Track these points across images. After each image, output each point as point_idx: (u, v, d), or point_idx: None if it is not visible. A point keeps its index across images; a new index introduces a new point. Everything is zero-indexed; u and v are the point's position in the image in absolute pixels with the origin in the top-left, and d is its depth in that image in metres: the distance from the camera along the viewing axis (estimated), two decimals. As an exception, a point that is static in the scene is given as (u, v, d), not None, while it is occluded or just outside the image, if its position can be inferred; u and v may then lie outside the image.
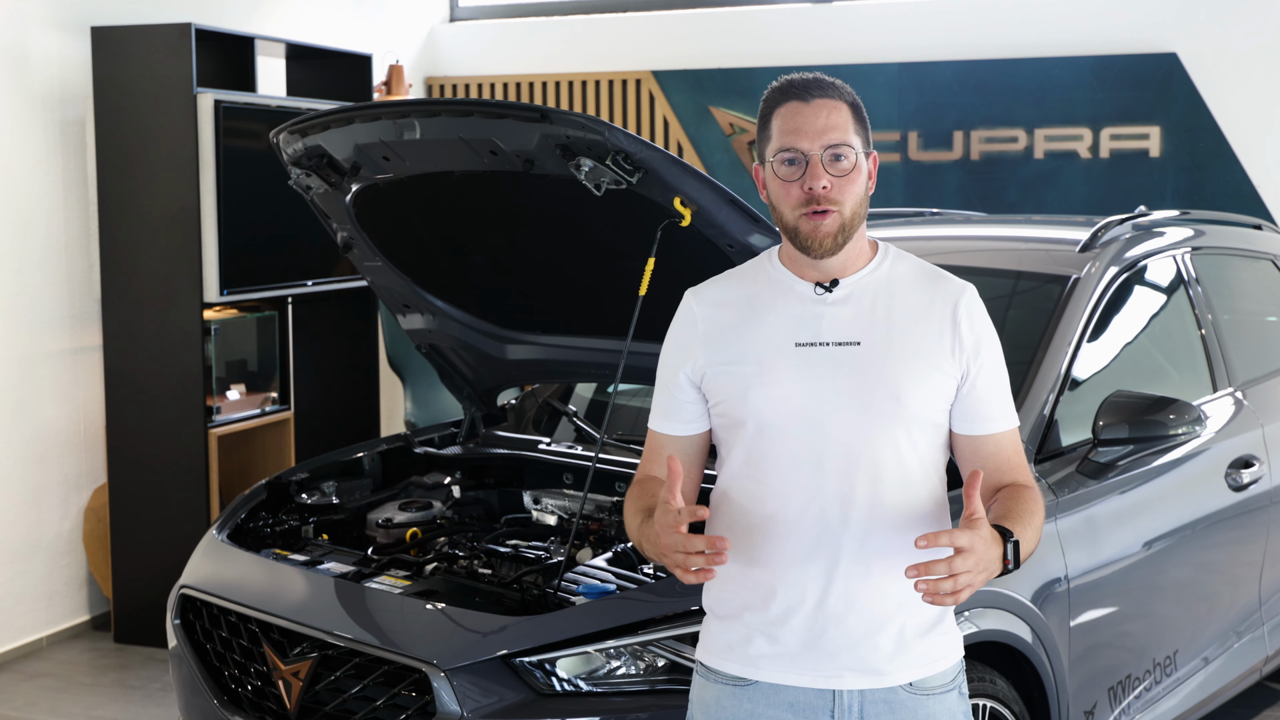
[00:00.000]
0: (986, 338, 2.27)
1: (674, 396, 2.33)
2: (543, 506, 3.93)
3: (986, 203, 6.96)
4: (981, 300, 2.30)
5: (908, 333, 2.22)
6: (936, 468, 2.28)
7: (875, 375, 2.20)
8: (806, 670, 2.22)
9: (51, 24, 5.42)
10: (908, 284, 2.27)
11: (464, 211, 3.57)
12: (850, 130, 2.21)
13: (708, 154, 7.50)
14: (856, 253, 2.26)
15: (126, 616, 5.48)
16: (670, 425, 2.35)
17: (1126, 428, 3.50)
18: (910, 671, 2.23)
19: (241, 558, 3.50)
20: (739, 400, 2.24)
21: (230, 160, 5.26)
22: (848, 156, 2.20)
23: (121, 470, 5.45)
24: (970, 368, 2.24)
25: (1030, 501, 2.22)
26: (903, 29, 7.15)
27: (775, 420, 2.21)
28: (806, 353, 2.22)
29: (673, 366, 2.34)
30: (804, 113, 2.20)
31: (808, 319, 2.24)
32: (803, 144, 2.19)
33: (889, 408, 2.19)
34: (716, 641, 2.30)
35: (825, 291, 2.25)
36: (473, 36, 8.00)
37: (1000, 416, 2.28)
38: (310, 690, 3.06)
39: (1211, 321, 4.29)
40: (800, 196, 2.19)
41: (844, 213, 2.20)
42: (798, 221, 2.21)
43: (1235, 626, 4.11)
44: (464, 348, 3.97)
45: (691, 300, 2.35)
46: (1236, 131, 6.64)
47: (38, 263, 5.40)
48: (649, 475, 2.35)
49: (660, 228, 3.11)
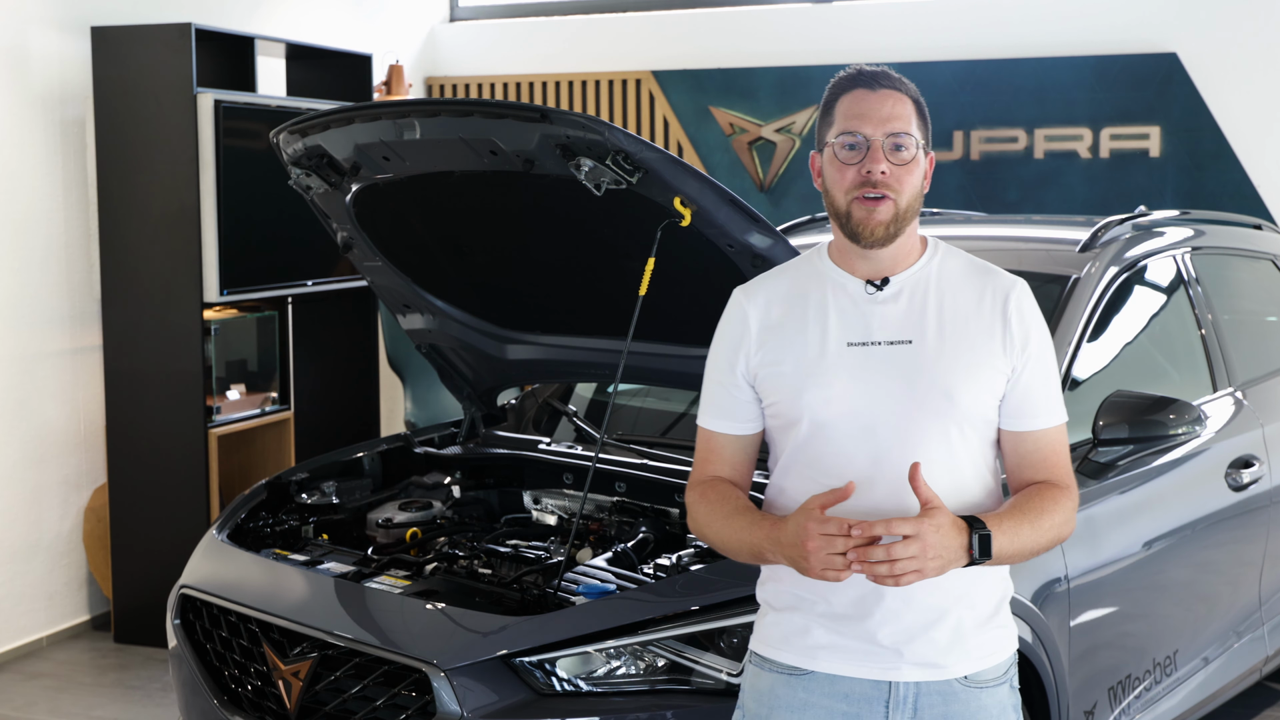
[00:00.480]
0: (1036, 332, 2.28)
1: (732, 396, 2.34)
2: (543, 506, 3.93)
3: (986, 203, 6.96)
4: (1031, 294, 2.30)
5: (959, 330, 2.23)
6: (989, 462, 2.29)
7: (928, 374, 2.21)
8: (863, 662, 2.24)
9: (51, 24, 5.42)
10: (958, 280, 2.28)
11: (464, 211, 3.57)
12: (913, 123, 2.24)
13: (708, 154, 7.50)
14: (907, 248, 2.28)
15: (126, 616, 5.48)
16: (729, 424, 2.35)
17: (1126, 428, 3.50)
18: (967, 664, 2.25)
19: (241, 558, 3.50)
20: (792, 401, 2.25)
21: (230, 160, 5.26)
22: (908, 147, 2.22)
23: (121, 470, 5.45)
24: (1018, 362, 2.25)
25: (1046, 500, 2.23)
26: (903, 29, 7.15)
27: (828, 421, 2.22)
28: (859, 352, 2.23)
29: (727, 366, 2.34)
30: (869, 100, 2.23)
31: (859, 318, 2.25)
32: (866, 129, 2.21)
33: (941, 406, 2.21)
34: (773, 632, 2.32)
35: (876, 290, 2.26)
36: (473, 36, 8.00)
37: (1044, 413, 2.28)
38: (310, 690, 3.05)
39: (1211, 321, 4.29)
40: (855, 179, 2.21)
41: (899, 202, 2.21)
42: (850, 206, 2.22)
43: (1235, 626, 4.11)
44: (464, 348, 3.97)
45: (742, 298, 2.36)
46: (1236, 131, 6.64)
47: (38, 263, 5.40)
48: (714, 476, 2.35)
49: (660, 228, 3.11)
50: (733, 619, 2.89)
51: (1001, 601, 2.31)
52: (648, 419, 4.28)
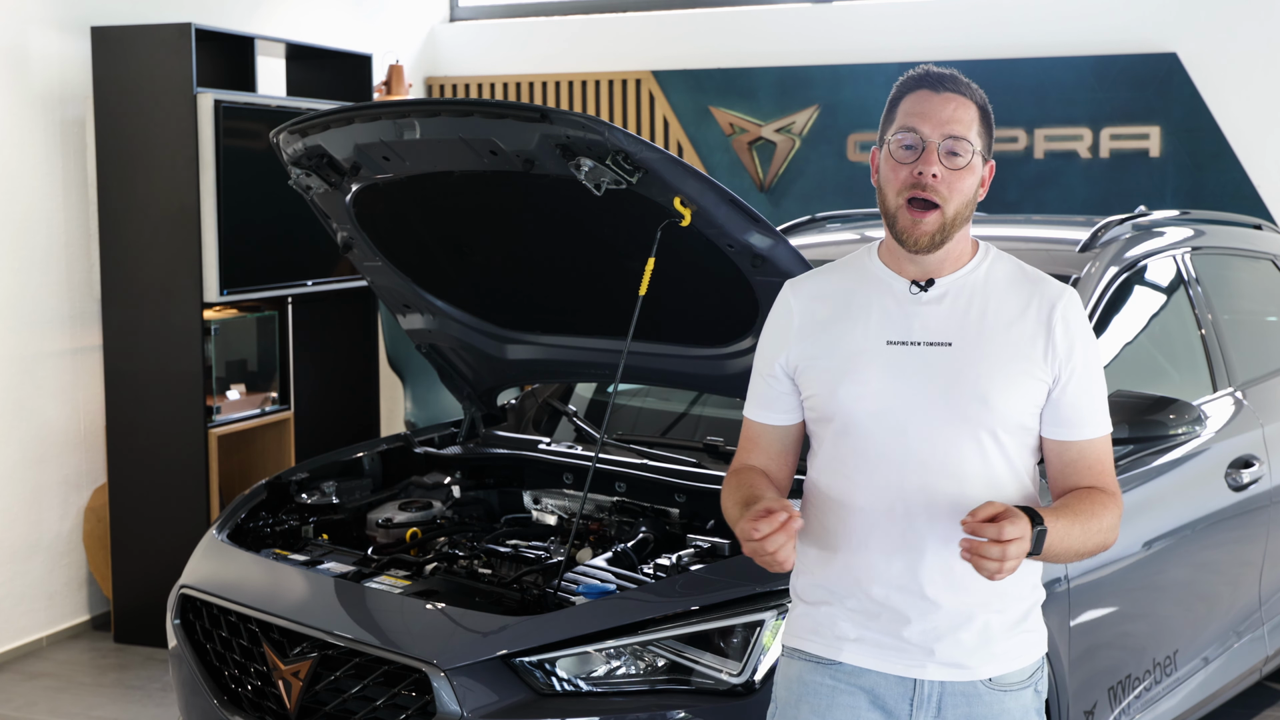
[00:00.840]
0: (1081, 342, 2.26)
1: (770, 387, 2.36)
2: (543, 506, 3.93)
3: (986, 203, 6.89)
4: (1082, 304, 2.29)
5: (1000, 335, 2.22)
6: (1027, 468, 2.28)
7: (963, 377, 2.20)
8: (890, 657, 2.25)
9: (51, 24, 5.42)
10: (1005, 286, 2.28)
11: (464, 211, 3.57)
12: (974, 129, 2.22)
13: (708, 154, 7.50)
14: (957, 253, 2.28)
15: (126, 616, 5.48)
16: (768, 415, 2.37)
17: (1126, 428, 3.50)
18: (993, 667, 2.25)
19: (241, 558, 3.50)
20: (829, 396, 2.26)
21: (230, 160, 5.26)
22: (964, 153, 2.20)
23: (121, 470, 5.45)
24: (1063, 373, 2.24)
25: (1097, 505, 2.22)
26: (903, 29, 7.15)
27: (860, 418, 2.23)
28: (897, 351, 2.23)
29: (769, 357, 2.36)
30: (932, 101, 2.21)
31: (901, 317, 2.25)
32: (924, 128, 2.20)
33: (974, 411, 2.20)
34: (802, 624, 2.34)
35: (921, 290, 2.26)
36: (473, 36, 8.00)
37: (1089, 424, 2.27)
38: (310, 690, 3.05)
39: (1211, 321, 4.29)
40: (908, 179, 2.20)
41: (947, 212, 2.20)
42: (898, 210, 2.21)
43: (1235, 626, 4.11)
44: (464, 348, 3.97)
45: (789, 293, 2.38)
46: (1236, 131, 6.64)
47: (38, 263, 5.40)
48: (746, 465, 2.38)
49: (660, 228, 3.11)
50: (733, 619, 2.90)
51: (1032, 606, 2.31)
52: (648, 419, 4.28)
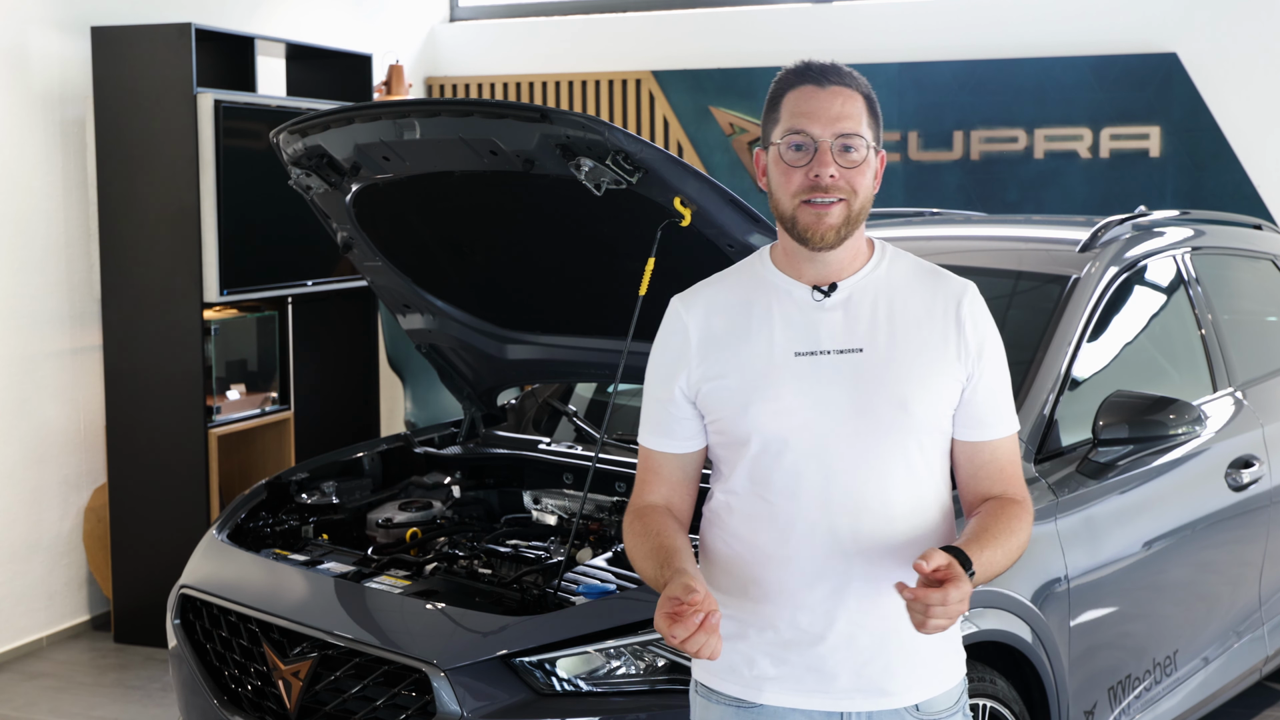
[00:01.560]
0: (990, 339, 2.19)
1: (669, 413, 2.21)
2: (543, 506, 3.93)
3: (986, 203, 6.96)
4: (983, 299, 2.23)
5: (911, 336, 2.13)
6: (944, 474, 2.21)
7: (880, 383, 2.11)
8: (814, 693, 2.14)
9: (51, 24, 5.42)
10: (908, 284, 2.18)
11: (464, 211, 3.57)
12: (864, 123, 2.12)
13: (708, 154, 7.50)
14: (854, 252, 2.17)
15: (126, 616, 5.48)
16: (667, 443, 2.23)
17: (1126, 428, 3.50)
18: (918, 692, 2.16)
19: (241, 558, 3.50)
20: (739, 416, 2.13)
21: (230, 160, 5.26)
22: (858, 148, 2.11)
23: (121, 470, 5.45)
24: (974, 370, 2.16)
25: (1012, 520, 2.13)
26: (903, 29, 7.15)
27: (779, 436, 2.11)
28: (807, 363, 2.12)
29: (665, 381, 2.21)
30: (818, 97, 2.10)
31: (806, 326, 2.14)
32: (814, 129, 2.09)
33: (896, 417, 2.10)
34: (717, 663, 2.18)
35: (823, 296, 2.15)
36: (473, 36, 8.00)
37: (1000, 423, 2.19)
38: (310, 690, 3.05)
39: (1211, 321, 4.29)
40: (804, 183, 2.09)
41: (852, 205, 2.10)
42: (796, 210, 2.10)
43: (1235, 626, 4.11)
44: (464, 348, 3.97)
45: (680, 308, 2.23)
46: (1236, 131, 6.64)
47: (38, 263, 5.40)
48: (648, 504, 2.22)
49: (660, 228, 3.11)
50: (733, 619, 2.89)
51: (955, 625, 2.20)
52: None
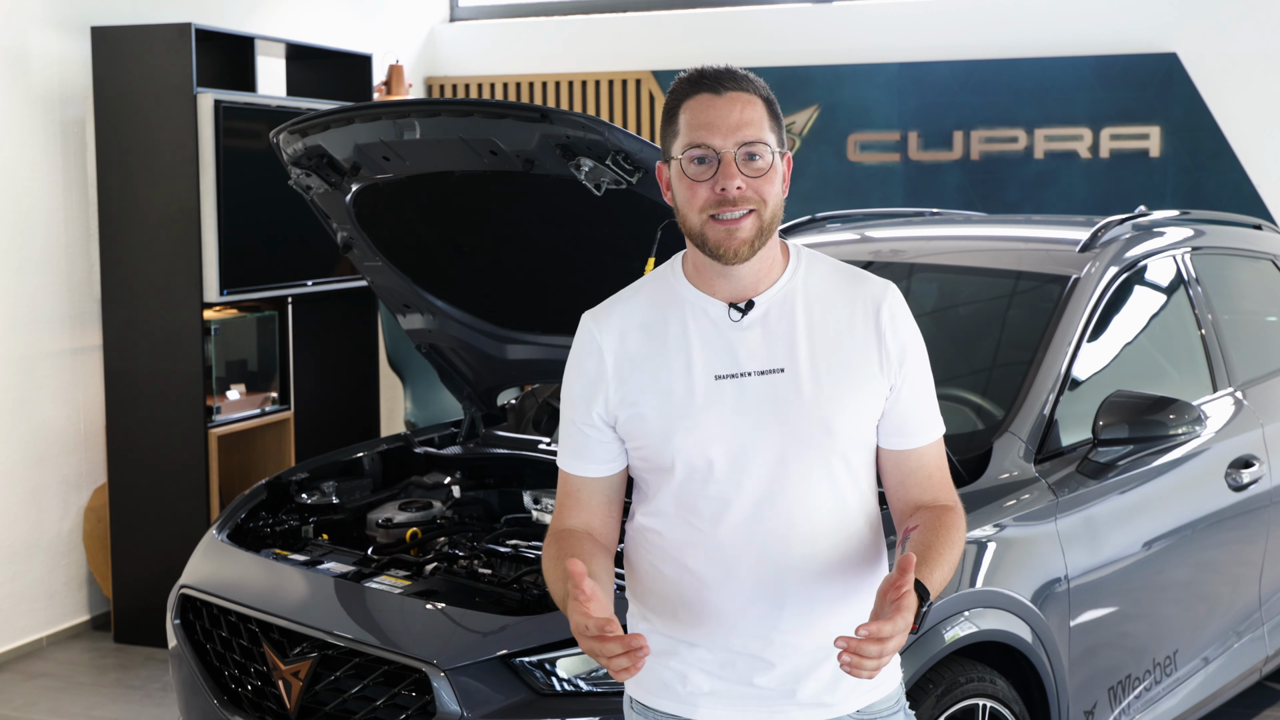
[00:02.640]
0: (912, 344, 2.12)
1: (587, 436, 2.13)
2: (543, 506, 3.92)
3: (986, 203, 6.96)
4: (903, 299, 2.15)
5: (832, 352, 2.07)
6: (870, 486, 2.15)
7: (802, 405, 2.04)
8: (750, 707, 2.10)
9: (51, 24, 5.42)
10: (826, 293, 2.11)
11: (464, 211, 3.57)
12: (765, 127, 2.03)
13: (708, 154, 7.48)
14: (769, 261, 2.09)
15: (126, 616, 5.48)
16: (586, 466, 2.15)
17: (1126, 428, 3.50)
18: (857, 699, 2.13)
19: (241, 558, 3.50)
20: (662, 445, 2.07)
21: (230, 160, 5.26)
22: (763, 155, 2.02)
23: (121, 470, 5.45)
24: (897, 379, 2.10)
25: (950, 530, 2.08)
26: (903, 29, 7.15)
27: (703, 463, 2.05)
28: (728, 385, 2.05)
29: (582, 404, 2.13)
30: (716, 106, 2.02)
31: (724, 347, 2.06)
32: (715, 140, 2.00)
33: (820, 439, 2.05)
34: (650, 678, 2.14)
35: (740, 314, 2.07)
36: (473, 36, 8.00)
37: (925, 429, 2.14)
38: (310, 690, 3.06)
39: (1211, 321, 4.29)
40: (710, 198, 2.01)
41: (763, 214, 2.02)
42: (705, 226, 2.02)
43: (1235, 626, 4.11)
44: (464, 348, 3.97)
45: (594, 328, 2.15)
46: (1236, 131, 6.64)
47: (38, 263, 5.40)
48: (565, 529, 2.15)
49: (660, 228, 3.11)
50: (733, 619, 2.89)
51: None
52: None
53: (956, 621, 3.04)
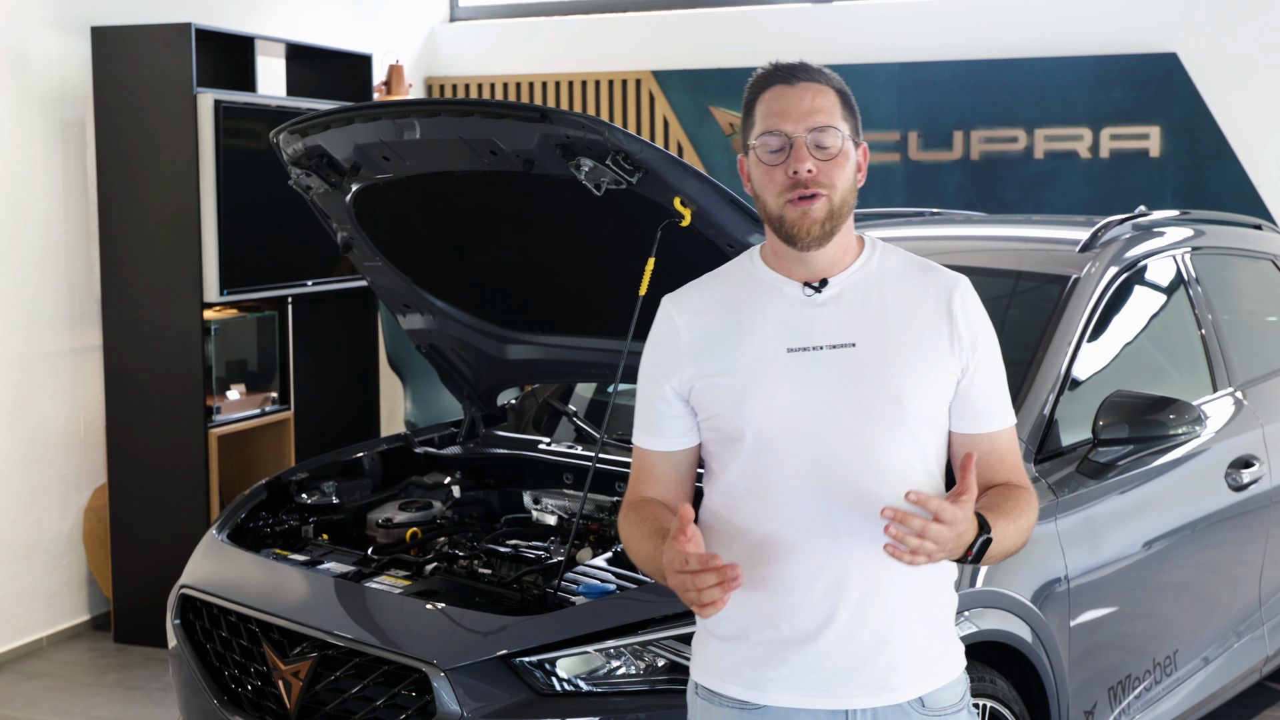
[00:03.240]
0: (984, 331, 2.19)
1: (660, 412, 2.22)
2: (543, 506, 3.93)
3: (986, 203, 6.96)
4: (975, 292, 2.23)
5: (904, 329, 2.14)
6: (940, 467, 2.20)
7: (874, 378, 2.11)
8: (817, 692, 2.13)
9: (51, 24, 5.42)
10: (899, 278, 2.19)
11: (464, 211, 3.57)
12: (837, 114, 2.13)
13: (708, 154, 7.50)
14: (844, 247, 2.17)
15: (126, 616, 5.48)
16: (659, 441, 2.23)
17: (1126, 428, 3.50)
18: (921, 685, 2.16)
19: (241, 558, 3.50)
20: (733, 414, 2.14)
21: (230, 160, 5.26)
22: (833, 139, 2.11)
23: (121, 470, 5.45)
24: (969, 363, 2.16)
25: (1021, 501, 2.15)
26: (903, 29, 7.15)
27: (773, 433, 2.11)
28: (800, 358, 2.12)
29: (657, 380, 2.22)
30: (788, 95, 2.12)
31: (798, 322, 2.15)
32: (786, 126, 2.10)
33: (891, 411, 2.11)
34: (718, 663, 2.20)
35: (814, 291, 2.16)
36: (473, 36, 8.00)
37: (997, 414, 2.20)
38: (310, 690, 3.05)
39: (1211, 321, 4.29)
40: (785, 182, 2.10)
41: (833, 198, 2.11)
42: (783, 209, 2.11)
43: (1235, 626, 4.11)
44: (464, 348, 3.97)
45: (671, 308, 2.24)
46: (1236, 131, 6.64)
47: (38, 263, 5.40)
48: (643, 498, 2.24)
49: (660, 228, 3.11)
50: (733, 619, 2.89)
51: (949, 616, 2.23)
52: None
53: (957, 621, 3.02)
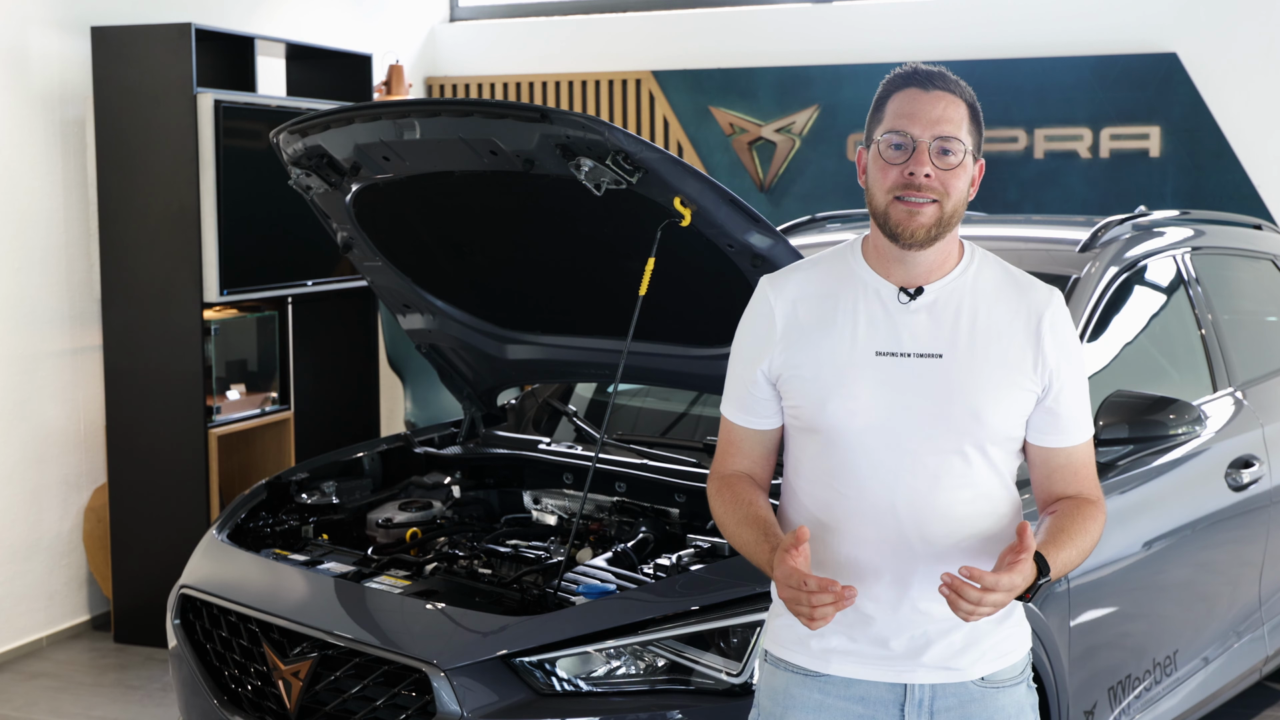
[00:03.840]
0: (1070, 351, 2.24)
1: (750, 392, 2.29)
2: (543, 506, 3.93)
3: (986, 203, 6.95)
4: (1067, 308, 2.27)
5: (991, 347, 2.18)
6: (1011, 474, 2.26)
7: (956, 391, 2.16)
8: (880, 666, 2.22)
9: (51, 24, 5.42)
10: (993, 292, 2.23)
11: (464, 211, 3.57)
12: (964, 128, 2.17)
13: (708, 154, 7.50)
14: (945, 254, 2.22)
15: (126, 616, 5.48)
16: (748, 419, 2.31)
17: (1126, 428, 3.50)
18: (982, 666, 2.23)
19: (241, 558, 3.50)
20: (817, 409, 2.20)
21: (230, 160, 5.26)
22: (956, 151, 2.15)
23: (121, 470, 5.45)
24: (1052, 382, 2.21)
25: (1087, 520, 2.21)
26: (903, 29, 7.15)
27: (852, 432, 2.18)
28: (887, 363, 2.18)
29: (750, 361, 2.29)
30: (921, 100, 2.17)
31: (889, 327, 2.20)
32: (914, 129, 2.15)
33: (968, 425, 2.16)
34: (787, 634, 2.28)
35: (910, 298, 2.20)
36: (473, 36, 8.00)
37: (1076, 430, 2.25)
38: (310, 690, 3.05)
39: (1211, 321, 4.29)
40: (899, 180, 2.15)
41: (945, 206, 2.15)
42: (889, 206, 2.16)
43: (1235, 626, 4.11)
44: (464, 348, 3.97)
45: (770, 291, 2.29)
46: (1236, 131, 6.64)
47: (38, 263, 5.40)
48: (735, 472, 2.31)
49: (660, 228, 3.11)
50: (733, 619, 2.89)
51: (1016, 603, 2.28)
52: (648, 419, 4.29)
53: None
